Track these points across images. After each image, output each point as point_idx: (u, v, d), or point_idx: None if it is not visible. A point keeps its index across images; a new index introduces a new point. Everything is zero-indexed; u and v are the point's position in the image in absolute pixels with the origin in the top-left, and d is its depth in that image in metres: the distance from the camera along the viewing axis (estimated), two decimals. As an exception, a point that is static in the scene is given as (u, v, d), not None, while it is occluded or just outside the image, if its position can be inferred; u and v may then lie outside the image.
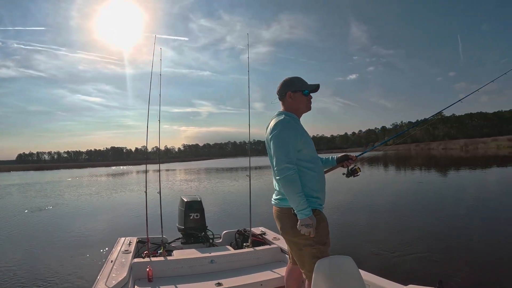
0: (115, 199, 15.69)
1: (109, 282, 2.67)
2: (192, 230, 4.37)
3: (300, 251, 2.17)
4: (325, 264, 2.03)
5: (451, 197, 11.89)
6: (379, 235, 7.00)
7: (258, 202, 4.70)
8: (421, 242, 6.32)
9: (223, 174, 30.87)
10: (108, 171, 54.36)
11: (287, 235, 2.24)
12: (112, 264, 3.11)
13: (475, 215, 8.51)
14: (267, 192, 2.38)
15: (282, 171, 2.08)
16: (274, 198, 2.32)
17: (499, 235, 6.54)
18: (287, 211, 2.17)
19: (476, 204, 10.13)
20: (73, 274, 5.22)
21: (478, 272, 4.71)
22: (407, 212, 9.37)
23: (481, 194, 12.31)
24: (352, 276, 2.08)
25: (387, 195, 13.41)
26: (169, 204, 4.29)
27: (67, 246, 6.96)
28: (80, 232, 8.46)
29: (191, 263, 3.38)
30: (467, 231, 7.01)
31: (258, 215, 4.55)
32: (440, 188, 14.63)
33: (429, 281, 2.22)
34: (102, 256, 5.98)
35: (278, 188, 2.25)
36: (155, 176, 34.30)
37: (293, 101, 2.33)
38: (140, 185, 22.46)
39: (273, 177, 2.30)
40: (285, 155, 2.10)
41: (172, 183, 21.17)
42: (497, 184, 14.99)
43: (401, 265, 5.10)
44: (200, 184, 20.97)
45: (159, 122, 4.25)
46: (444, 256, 5.40)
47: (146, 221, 3.90)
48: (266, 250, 3.72)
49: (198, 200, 4.54)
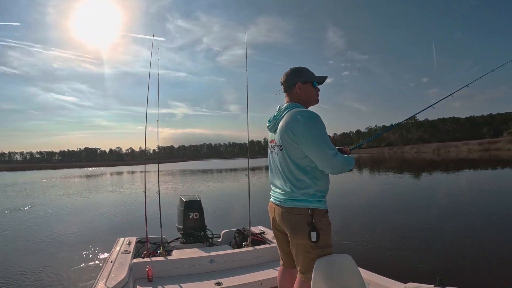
0: (112, 199, 15.67)
1: (108, 283, 2.67)
2: (191, 229, 4.37)
3: (308, 254, 2.04)
4: (325, 262, 2.03)
5: (447, 197, 11.94)
6: (378, 234, 7.01)
7: (257, 201, 4.69)
8: (420, 240, 6.34)
9: (199, 177, 30.62)
10: (86, 172, 53.33)
11: (298, 238, 2.05)
12: (112, 264, 3.11)
13: (473, 214, 8.54)
14: (267, 192, 2.33)
15: (336, 164, 2.00)
16: (283, 197, 2.12)
17: (497, 233, 6.57)
18: (302, 212, 2.02)
19: (473, 203, 10.17)
20: (73, 274, 5.21)
21: (477, 269, 4.72)
22: (405, 211, 9.41)
23: (476, 193, 12.36)
24: (352, 274, 2.08)
25: (383, 194, 13.45)
26: (165, 205, 4.27)
27: (66, 247, 6.94)
28: (78, 233, 8.44)
29: (190, 263, 3.38)
30: (465, 229, 7.04)
31: (257, 214, 4.55)
32: (433, 188, 14.69)
33: (429, 279, 2.22)
34: (102, 257, 5.98)
35: (288, 188, 2.08)
36: (134, 177, 34.10)
37: (302, 93, 2.17)
38: (124, 187, 22.63)
39: (278, 174, 2.17)
40: (329, 147, 1.99)
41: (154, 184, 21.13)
42: (489, 185, 15.05)
43: (400, 263, 5.11)
44: (177, 186, 20.89)
45: (158, 122, 4.23)
46: (444, 253, 5.42)
47: (145, 221, 3.89)
48: (265, 249, 3.72)
49: (197, 199, 4.53)
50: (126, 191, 19.11)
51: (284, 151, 2.09)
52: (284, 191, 2.12)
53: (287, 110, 2.11)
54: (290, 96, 2.20)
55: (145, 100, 4.05)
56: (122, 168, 72.55)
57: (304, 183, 2.04)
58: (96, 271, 3.08)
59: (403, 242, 6.25)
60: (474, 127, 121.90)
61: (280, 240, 2.31)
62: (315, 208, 2.03)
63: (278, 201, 2.16)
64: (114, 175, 41.26)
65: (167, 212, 4.69)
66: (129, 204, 13.32)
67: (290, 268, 2.33)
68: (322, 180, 2.09)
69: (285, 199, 2.10)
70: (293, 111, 2.08)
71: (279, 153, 2.14)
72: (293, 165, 2.06)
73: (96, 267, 5.44)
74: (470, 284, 4.26)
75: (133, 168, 64.20)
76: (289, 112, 2.09)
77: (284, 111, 2.13)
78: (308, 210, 2.01)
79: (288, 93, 2.21)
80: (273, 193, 2.25)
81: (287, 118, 2.07)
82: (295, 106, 2.13)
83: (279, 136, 2.11)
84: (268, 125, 2.27)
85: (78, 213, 11.85)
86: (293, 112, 2.07)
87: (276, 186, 2.21)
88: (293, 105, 2.14)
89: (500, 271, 4.63)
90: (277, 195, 2.18)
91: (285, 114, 2.11)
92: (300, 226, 2.03)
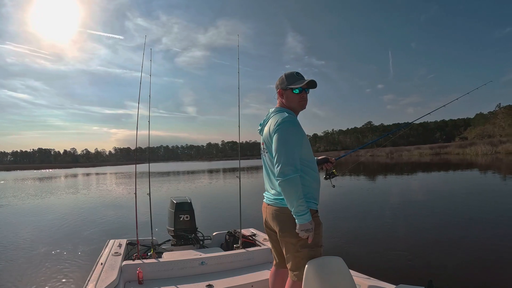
0: (102, 200, 15.52)
1: (99, 285, 2.64)
2: (182, 231, 4.35)
3: (297, 253, 2.10)
4: (316, 264, 2.04)
5: (440, 199, 12.06)
6: (369, 236, 7.05)
7: (248, 203, 4.69)
8: (411, 243, 6.39)
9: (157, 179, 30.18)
10: (44, 174, 51.95)
11: (286, 236, 2.13)
12: (102, 267, 3.08)
13: (463, 216, 8.63)
14: (258, 194, 2.35)
15: (285, 173, 1.98)
16: (273, 197, 2.21)
17: (487, 235, 6.65)
18: (288, 211, 2.07)
19: (463, 205, 10.29)
20: (62, 277, 5.13)
21: (467, 271, 4.77)
22: (395, 214, 9.48)
23: (468, 195, 12.50)
24: (343, 276, 2.09)
25: (374, 198, 13.54)
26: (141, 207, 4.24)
27: (55, 250, 6.85)
28: (67, 235, 8.33)
29: (181, 265, 3.36)
30: (455, 231, 7.11)
31: (248, 216, 4.55)
32: (428, 190, 14.83)
33: (419, 281, 2.24)
34: (92, 259, 5.90)
35: (276, 188, 2.17)
36: (88, 180, 33.00)
37: (284, 99, 2.26)
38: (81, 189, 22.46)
39: (268, 176, 2.27)
40: (289, 157, 2.01)
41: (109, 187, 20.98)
42: (474, 186, 15.25)
43: (391, 266, 5.14)
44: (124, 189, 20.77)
45: (149, 123, 4.21)
46: (434, 256, 5.46)
47: (136, 223, 3.87)
48: (256, 251, 3.72)
49: (188, 201, 4.51)
50: (114, 193, 18.96)
51: (269, 153, 2.20)
52: (273, 191, 2.23)
53: (272, 115, 2.24)
54: (278, 101, 2.33)
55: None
56: (77, 170, 69.68)
57: None
58: (86, 274, 3.05)
59: (394, 244, 6.29)
60: (427, 132, 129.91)
61: (272, 239, 2.38)
62: None
63: (269, 201, 2.27)
64: (72, 177, 40.40)
65: (156, 213, 4.65)
66: (119, 206, 13.22)
67: (282, 268, 2.38)
68: (310, 180, 2.15)
69: (274, 198, 2.21)
70: (275, 115, 2.19)
71: (266, 155, 2.26)
72: None
73: (86, 269, 5.37)
74: (459, 286, 4.31)
75: (89, 170, 62.63)
76: (273, 116, 2.22)
77: (270, 115, 2.27)
78: None
79: (278, 98, 2.33)
80: (265, 194, 2.35)
81: (270, 122, 2.21)
82: (278, 110, 2.23)
83: (264, 140, 2.25)
84: (259, 129, 2.40)
85: (67, 214, 11.71)
86: (275, 116, 2.19)
87: (266, 186, 2.34)
88: (277, 109, 2.25)
89: (489, 273, 4.68)
90: (268, 195, 2.29)
91: (271, 118, 2.23)
92: (288, 225, 2.10)
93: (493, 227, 7.28)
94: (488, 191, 13.15)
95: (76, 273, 5.26)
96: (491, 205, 9.87)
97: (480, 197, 11.71)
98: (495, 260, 5.13)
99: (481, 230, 7.07)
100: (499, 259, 5.18)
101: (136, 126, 4.01)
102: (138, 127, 3.98)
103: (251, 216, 5.61)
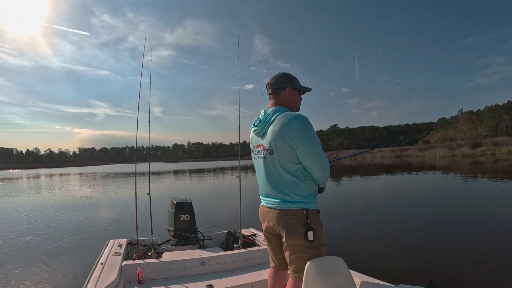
0: (102, 201, 15.52)
1: (99, 285, 2.64)
2: (182, 231, 4.35)
3: (303, 253, 2.07)
4: (316, 264, 2.03)
5: (438, 199, 12.06)
6: (369, 236, 7.06)
7: (248, 203, 4.68)
8: (411, 243, 6.39)
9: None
10: (4, 175, 51.42)
11: (293, 238, 2.07)
12: (102, 267, 3.08)
13: (463, 216, 8.63)
14: (257, 194, 2.32)
15: (327, 166, 2.12)
16: (278, 200, 2.12)
17: (487, 235, 6.66)
18: (298, 213, 2.05)
19: (462, 207, 10.28)
20: (62, 277, 5.14)
21: (467, 271, 4.77)
22: (396, 214, 9.48)
23: (465, 197, 12.51)
24: (343, 276, 2.09)
25: (375, 197, 13.55)
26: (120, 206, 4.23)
27: (55, 250, 6.86)
28: (68, 234, 8.33)
29: (181, 265, 3.36)
30: (455, 231, 7.11)
31: (248, 216, 4.54)
32: (429, 190, 14.83)
33: (419, 281, 2.23)
34: (92, 259, 5.89)
35: (281, 191, 2.10)
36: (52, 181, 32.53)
37: (290, 98, 2.22)
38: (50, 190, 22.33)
39: (271, 178, 2.14)
40: (322, 151, 2.11)
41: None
42: (477, 187, 15.25)
43: (391, 266, 5.14)
44: None
45: (149, 123, 4.22)
46: (434, 256, 5.46)
47: (136, 223, 3.87)
48: (256, 251, 3.71)
49: (188, 201, 4.51)
50: (114, 193, 18.96)
51: (275, 155, 2.08)
52: (277, 195, 2.12)
53: (277, 114, 2.11)
54: (277, 100, 2.21)
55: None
56: (40, 171, 68.66)
57: (297, 185, 2.07)
58: (86, 274, 3.04)
59: (394, 244, 6.29)
60: (391, 135, 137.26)
61: (272, 243, 2.32)
62: (309, 209, 2.08)
63: (272, 205, 2.16)
64: (32, 178, 39.81)
65: (154, 213, 4.65)
66: (117, 206, 13.23)
67: (281, 270, 2.35)
68: (312, 181, 2.15)
69: (279, 202, 2.11)
70: (285, 115, 2.08)
71: (268, 157, 2.13)
72: (286, 169, 2.08)
73: (86, 269, 5.36)
74: (459, 286, 4.31)
75: (52, 171, 61.72)
76: (280, 116, 2.09)
77: (273, 115, 2.12)
78: (303, 211, 2.06)
79: (275, 96, 2.22)
80: (265, 198, 2.24)
81: (280, 122, 2.06)
82: (283, 110, 2.14)
83: (271, 141, 2.09)
84: (255, 130, 2.25)
85: (66, 214, 11.70)
86: (286, 116, 2.07)
87: (267, 190, 2.19)
88: (280, 109, 2.15)
89: (489, 273, 4.68)
90: (270, 198, 2.18)
91: (275, 118, 2.10)
92: (296, 227, 2.06)
93: (493, 227, 7.29)
94: (489, 191, 13.16)
95: (76, 273, 5.26)
96: (491, 205, 9.86)
97: (480, 197, 11.72)
98: (495, 260, 5.12)
99: (481, 230, 7.08)
100: (499, 259, 5.17)
101: (136, 127, 4.02)
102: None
103: (251, 216, 5.60)
